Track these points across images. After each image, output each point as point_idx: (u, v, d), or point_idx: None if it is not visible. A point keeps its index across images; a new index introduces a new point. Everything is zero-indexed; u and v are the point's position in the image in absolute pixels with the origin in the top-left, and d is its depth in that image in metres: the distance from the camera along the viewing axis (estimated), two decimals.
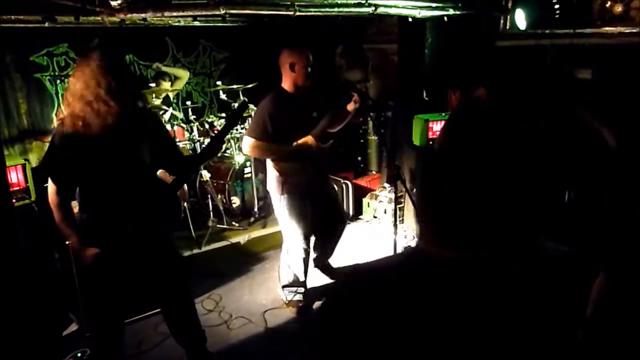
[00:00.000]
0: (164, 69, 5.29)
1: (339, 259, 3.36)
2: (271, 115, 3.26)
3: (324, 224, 3.76)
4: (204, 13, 3.55)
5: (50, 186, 2.29)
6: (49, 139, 2.40)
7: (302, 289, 3.70)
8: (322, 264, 4.07)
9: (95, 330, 2.62)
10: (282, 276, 3.74)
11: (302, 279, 3.67)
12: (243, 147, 3.39)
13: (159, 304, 2.95)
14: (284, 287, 3.74)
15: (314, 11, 3.87)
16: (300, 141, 3.33)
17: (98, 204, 2.35)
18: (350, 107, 3.37)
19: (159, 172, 2.71)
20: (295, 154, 3.33)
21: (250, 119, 5.20)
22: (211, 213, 4.81)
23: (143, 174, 2.44)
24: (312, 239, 3.79)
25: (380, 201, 5.23)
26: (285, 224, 3.52)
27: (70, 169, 2.25)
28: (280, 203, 3.46)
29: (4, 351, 2.51)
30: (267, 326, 3.54)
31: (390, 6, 4.11)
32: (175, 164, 2.65)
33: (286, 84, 3.39)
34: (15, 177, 3.42)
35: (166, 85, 5.16)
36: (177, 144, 2.76)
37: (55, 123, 4.96)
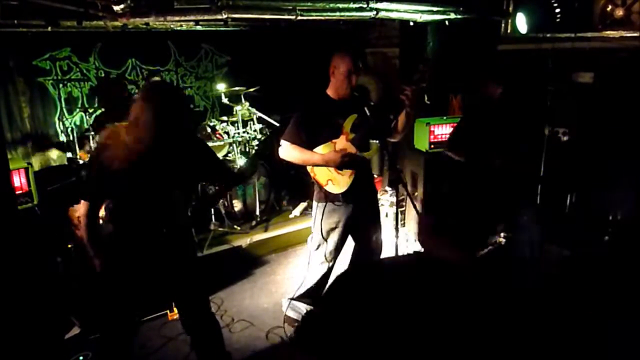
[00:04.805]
0: None
1: (339, 260, 3.35)
2: (305, 121, 3.10)
3: (361, 234, 3.44)
4: (206, 17, 3.55)
5: (82, 207, 2.35)
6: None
7: (303, 309, 3.45)
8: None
9: (107, 332, 2.62)
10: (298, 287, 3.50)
11: (310, 294, 3.42)
12: (280, 152, 3.17)
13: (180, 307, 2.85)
14: (289, 298, 3.52)
15: (316, 15, 3.87)
16: (338, 148, 3.10)
17: (128, 219, 2.42)
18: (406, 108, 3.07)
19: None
20: (331, 161, 3.06)
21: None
22: (213, 217, 4.81)
23: (175, 192, 2.48)
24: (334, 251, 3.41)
25: (382, 204, 5.23)
26: (316, 232, 3.32)
27: (108, 188, 2.35)
28: (315, 210, 3.29)
29: (7, 354, 2.52)
30: (268, 330, 3.54)
31: (392, 10, 4.12)
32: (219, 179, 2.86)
33: (329, 89, 3.19)
34: (18, 180, 3.43)
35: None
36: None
37: (58, 128, 5.04)
